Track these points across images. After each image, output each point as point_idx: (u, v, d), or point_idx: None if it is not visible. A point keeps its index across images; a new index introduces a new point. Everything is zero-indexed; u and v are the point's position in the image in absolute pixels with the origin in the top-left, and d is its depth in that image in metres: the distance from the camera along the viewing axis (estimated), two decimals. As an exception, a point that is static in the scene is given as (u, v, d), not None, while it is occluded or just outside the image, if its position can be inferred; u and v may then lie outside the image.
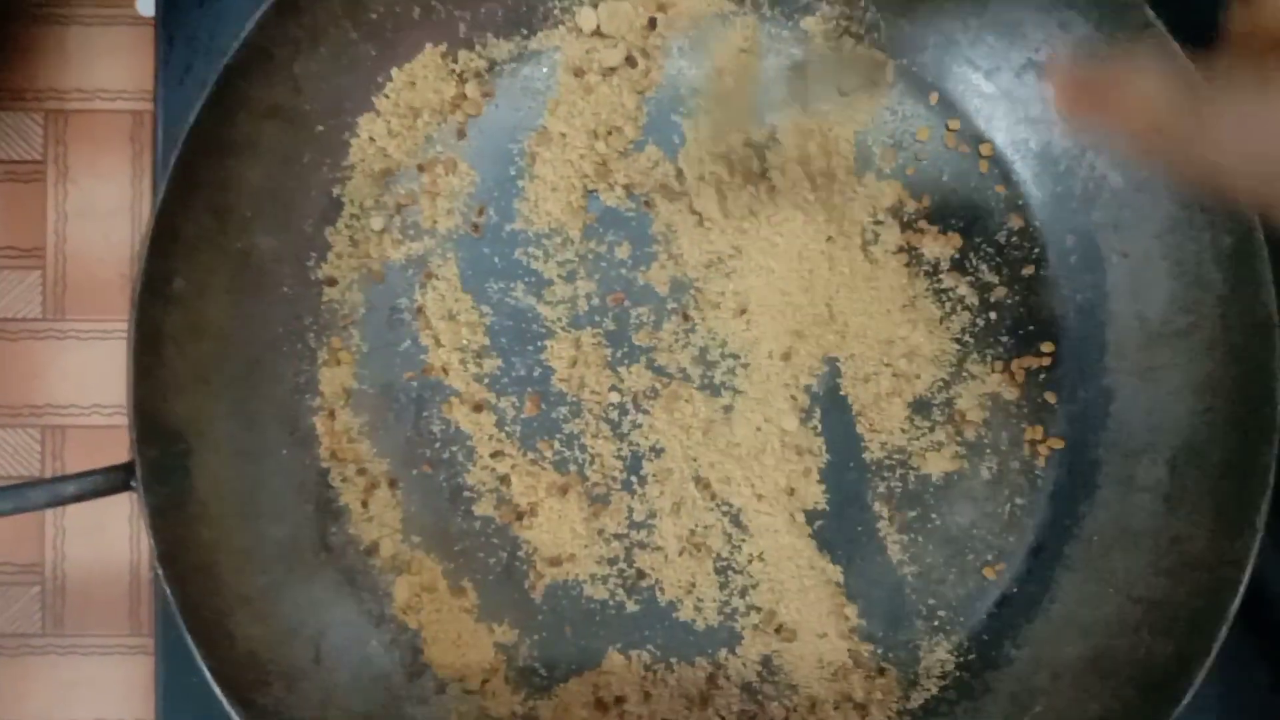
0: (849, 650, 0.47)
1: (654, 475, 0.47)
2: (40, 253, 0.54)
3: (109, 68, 0.55)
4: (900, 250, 0.47)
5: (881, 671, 0.47)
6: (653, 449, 0.47)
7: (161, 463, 0.41)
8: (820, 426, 0.47)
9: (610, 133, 0.47)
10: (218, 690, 0.40)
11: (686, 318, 0.47)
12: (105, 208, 0.54)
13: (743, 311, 0.47)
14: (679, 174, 0.47)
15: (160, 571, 0.40)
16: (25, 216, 0.54)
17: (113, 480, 0.40)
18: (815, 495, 0.47)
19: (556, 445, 0.47)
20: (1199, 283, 0.45)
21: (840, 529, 0.47)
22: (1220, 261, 0.44)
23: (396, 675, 0.46)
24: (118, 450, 0.50)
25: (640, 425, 0.47)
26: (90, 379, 0.54)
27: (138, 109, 0.54)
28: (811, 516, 0.47)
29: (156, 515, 0.40)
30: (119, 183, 0.54)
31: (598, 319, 0.47)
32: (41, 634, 0.53)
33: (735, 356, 0.47)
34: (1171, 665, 0.42)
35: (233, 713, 0.40)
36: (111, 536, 0.54)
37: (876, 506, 0.47)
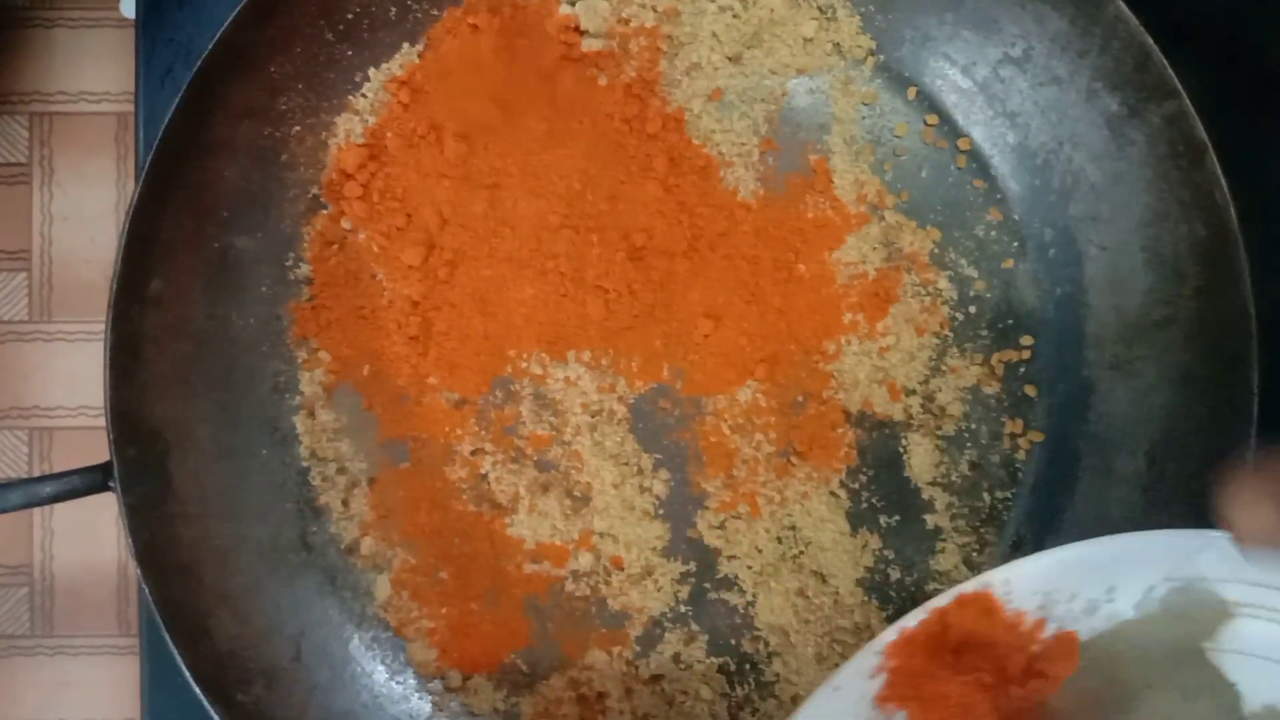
0: (832, 646, 0.47)
1: (635, 473, 0.47)
2: (26, 255, 0.54)
3: (94, 70, 0.55)
4: (879, 245, 0.47)
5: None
6: (634, 447, 0.47)
7: (140, 462, 0.41)
8: (800, 420, 0.47)
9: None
10: (197, 689, 0.40)
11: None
12: (91, 210, 0.54)
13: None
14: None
15: (140, 572, 0.40)
16: (11, 219, 0.54)
17: (90, 480, 0.40)
18: (797, 490, 0.47)
19: (538, 442, 0.47)
20: (1176, 275, 0.45)
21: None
22: (1197, 254, 0.44)
23: (378, 673, 0.46)
24: (105, 451, 0.50)
25: (622, 423, 0.47)
26: (77, 381, 0.54)
27: (122, 111, 0.55)
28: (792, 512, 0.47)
29: (134, 514, 0.40)
30: (104, 185, 0.54)
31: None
32: (30, 635, 0.53)
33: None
34: (1151, 657, 0.42)
35: (213, 711, 0.40)
36: (100, 538, 0.54)
37: (858, 501, 0.47)
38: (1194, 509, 0.43)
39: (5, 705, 0.52)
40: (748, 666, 0.47)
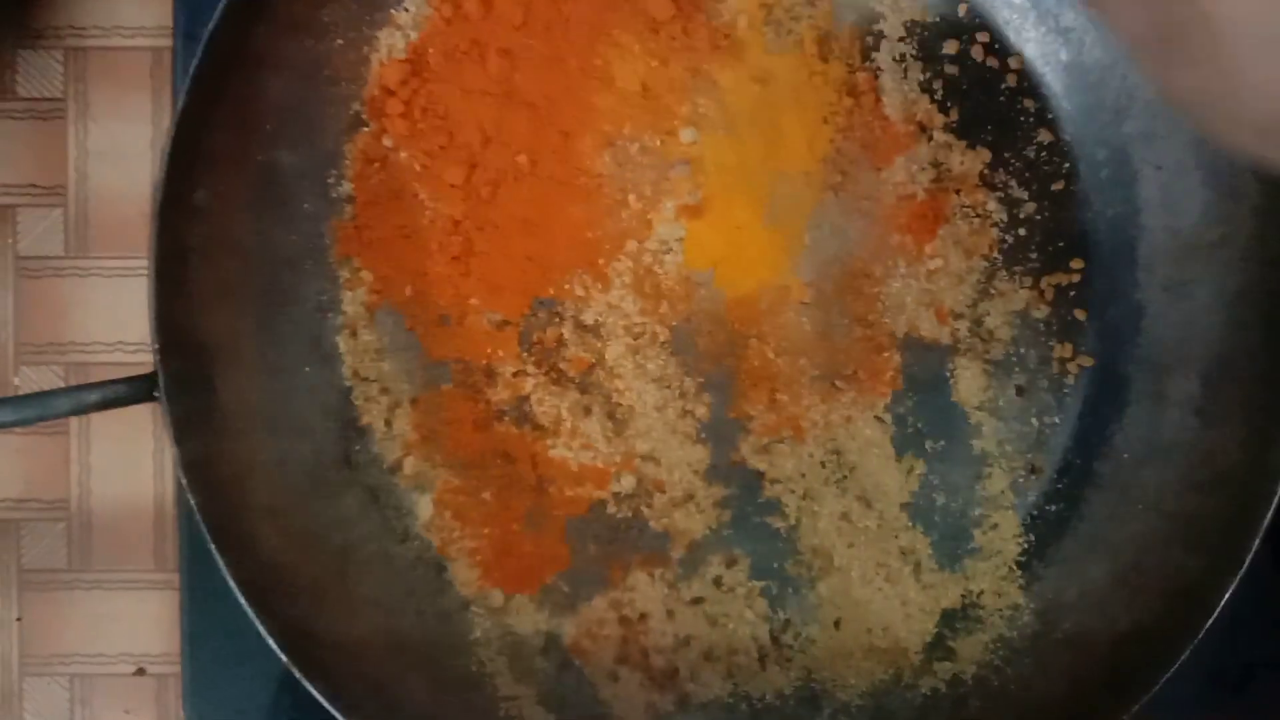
0: (877, 570, 0.46)
1: (678, 396, 0.47)
2: (62, 190, 0.54)
3: (127, 4, 0.54)
4: (928, 165, 0.47)
5: (908, 593, 0.47)
6: (676, 370, 0.47)
7: (185, 374, 0.40)
8: (846, 344, 0.47)
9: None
10: (244, 602, 0.40)
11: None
12: (126, 145, 0.54)
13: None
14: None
15: (185, 482, 0.40)
16: (46, 154, 0.54)
17: (136, 389, 0.40)
18: (842, 414, 0.47)
19: (580, 365, 0.47)
20: (1233, 193, 0.44)
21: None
22: (1255, 172, 0.43)
23: (422, 591, 0.46)
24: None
25: (665, 346, 0.47)
26: (113, 317, 0.54)
27: (157, 45, 0.54)
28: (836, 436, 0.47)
29: (180, 427, 0.40)
30: (140, 120, 0.54)
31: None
32: (68, 569, 0.53)
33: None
34: (1202, 579, 0.42)
35: (259, 624, 0.40)
36: (137, 472, 0.54)
37: (904, 426, 0.47)
38: (1249, 430, 0.43)
39: (46, 638, 0.52)
40: (790, 590, 0.47)
